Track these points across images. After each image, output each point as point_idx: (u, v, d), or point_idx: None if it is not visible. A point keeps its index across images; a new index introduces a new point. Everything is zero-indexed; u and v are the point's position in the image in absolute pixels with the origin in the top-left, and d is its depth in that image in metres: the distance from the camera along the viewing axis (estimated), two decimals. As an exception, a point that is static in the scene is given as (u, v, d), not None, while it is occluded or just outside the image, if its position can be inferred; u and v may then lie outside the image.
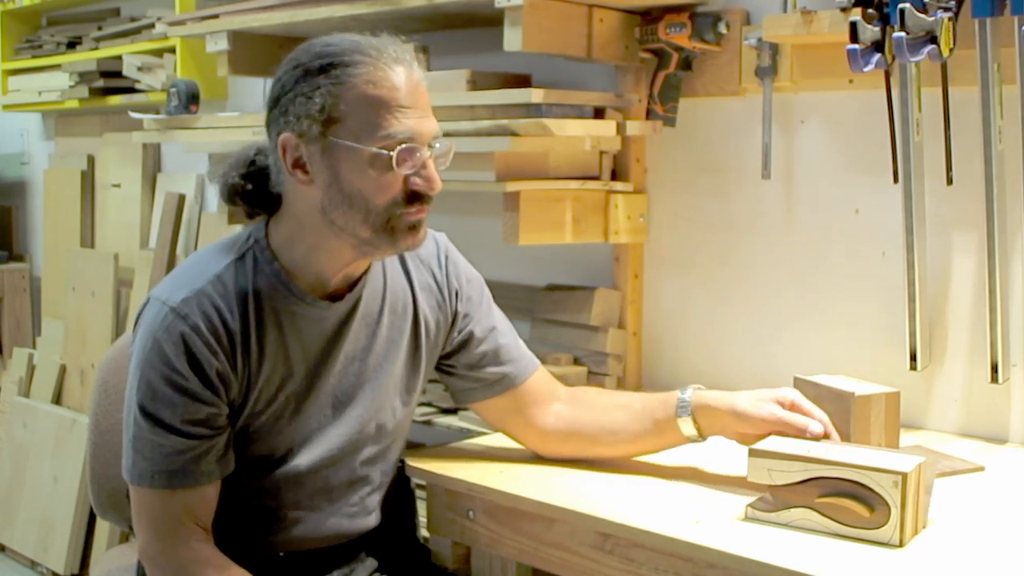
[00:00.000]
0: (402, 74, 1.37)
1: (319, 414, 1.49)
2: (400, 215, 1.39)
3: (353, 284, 1.49)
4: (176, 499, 1.39)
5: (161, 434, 1.38)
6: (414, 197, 1.39)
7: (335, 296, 1.48)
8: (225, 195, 1.50)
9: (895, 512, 1.25)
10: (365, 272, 1.51)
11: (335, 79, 1.36)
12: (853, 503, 1.28)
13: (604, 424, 1.60)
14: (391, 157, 1.35)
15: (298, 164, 1.39)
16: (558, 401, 1.63)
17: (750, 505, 1.36)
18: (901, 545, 1.26)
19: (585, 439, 1.61)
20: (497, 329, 1.63)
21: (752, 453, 1.36)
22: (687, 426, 1.53)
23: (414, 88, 1.38)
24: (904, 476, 1.25)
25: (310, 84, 1.36)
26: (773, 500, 1.34)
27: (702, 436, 1.55)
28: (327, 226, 1.41)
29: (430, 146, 1.40)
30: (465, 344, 1.61)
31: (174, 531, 1.39)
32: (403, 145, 1.36)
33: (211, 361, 1.38)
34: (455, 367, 1.63)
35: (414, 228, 1.41)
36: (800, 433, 1.44)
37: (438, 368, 1.64)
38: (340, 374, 1.50)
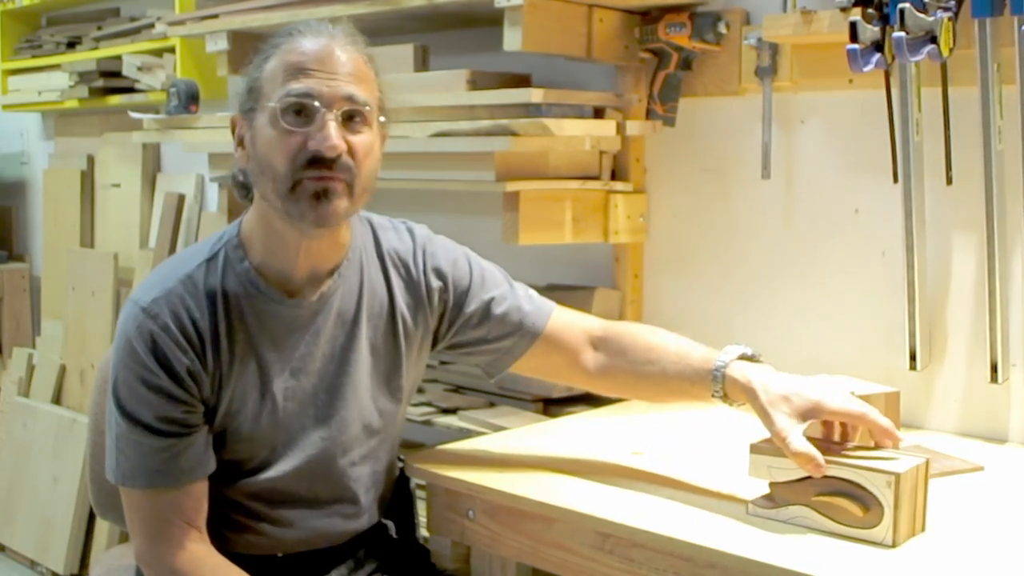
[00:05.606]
0: (317, 42, 1.39)
1: (301, 415, 1.48)
2: (302, 181, 1.37)
3: (324, 282, 1.49)
4: (162, 499, 1.40)
5: (140, 432, 1.39)
6: (314, 160, 1.36)
7: (306, 294, 1.47)
8: (236, 192, 1.54)
9: (888, 512, 1.25)
10: (336, 269, 1.50)
11: (264, 57, 1.42)
12: (848, 502, 1.28)
13: (640, 378, 1.55)
14: (278, 110, 1.36)
15: (241, 142, 1.44)
16: (592, 337, 1.59)
17: (751, 501, 1.36)
18: (894, 545, 1.25)
19: (625, 386, 1.60)
20: (496, 298, 1.59)
21: (753, 450, 1.36)
22: (719, 401, 1.47)
23: (328, 54, 1.39)
24: (897, 477, 1.25)
25: (251, 67, 1.43)
26: (774, 497, 1.34)
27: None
28: (262, 202, 1.43)
29: (349, 113, 1.38)
30: (470, 326, 1.59)
31: (165, 532, 1.40)
32: (292, 99, 1.36)
33: (180, 359, 1.39)
34: (471, 345, 1.61)
35: (316, 197, 1.37)
36: (886, 436, 1.34)
37: (458, 351, 1.63)
38: (319, 374, 1.49)
